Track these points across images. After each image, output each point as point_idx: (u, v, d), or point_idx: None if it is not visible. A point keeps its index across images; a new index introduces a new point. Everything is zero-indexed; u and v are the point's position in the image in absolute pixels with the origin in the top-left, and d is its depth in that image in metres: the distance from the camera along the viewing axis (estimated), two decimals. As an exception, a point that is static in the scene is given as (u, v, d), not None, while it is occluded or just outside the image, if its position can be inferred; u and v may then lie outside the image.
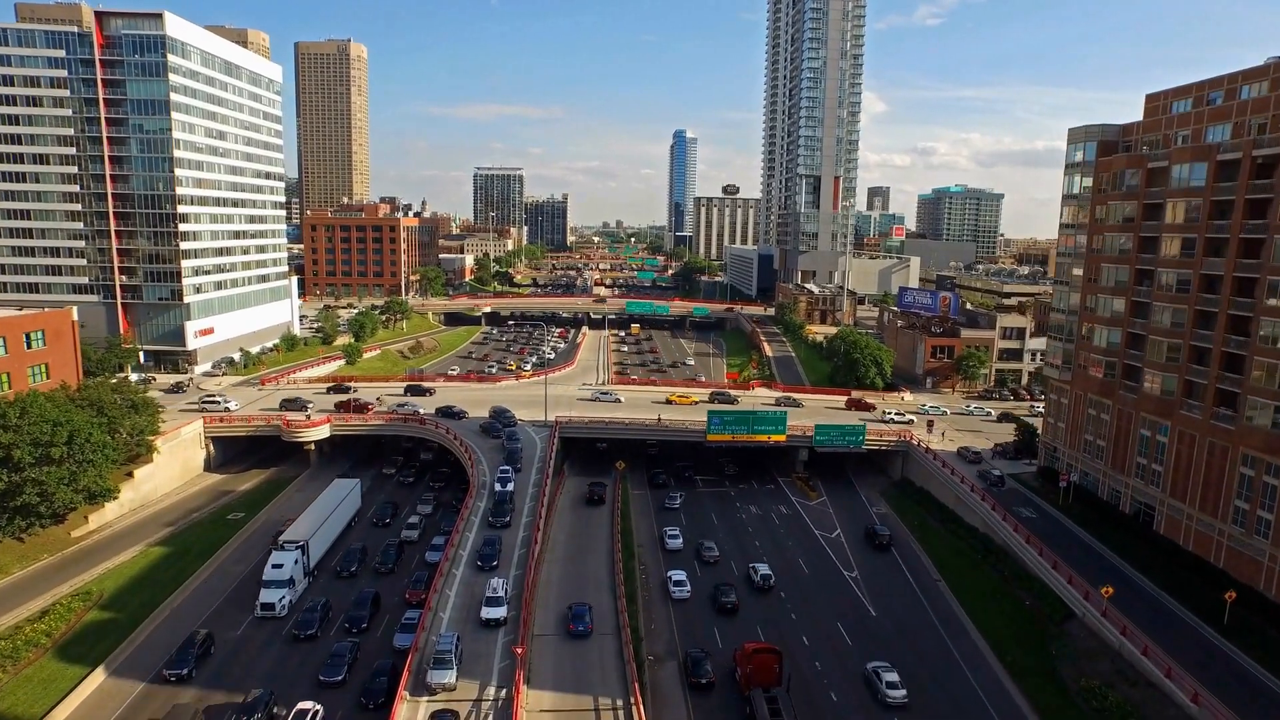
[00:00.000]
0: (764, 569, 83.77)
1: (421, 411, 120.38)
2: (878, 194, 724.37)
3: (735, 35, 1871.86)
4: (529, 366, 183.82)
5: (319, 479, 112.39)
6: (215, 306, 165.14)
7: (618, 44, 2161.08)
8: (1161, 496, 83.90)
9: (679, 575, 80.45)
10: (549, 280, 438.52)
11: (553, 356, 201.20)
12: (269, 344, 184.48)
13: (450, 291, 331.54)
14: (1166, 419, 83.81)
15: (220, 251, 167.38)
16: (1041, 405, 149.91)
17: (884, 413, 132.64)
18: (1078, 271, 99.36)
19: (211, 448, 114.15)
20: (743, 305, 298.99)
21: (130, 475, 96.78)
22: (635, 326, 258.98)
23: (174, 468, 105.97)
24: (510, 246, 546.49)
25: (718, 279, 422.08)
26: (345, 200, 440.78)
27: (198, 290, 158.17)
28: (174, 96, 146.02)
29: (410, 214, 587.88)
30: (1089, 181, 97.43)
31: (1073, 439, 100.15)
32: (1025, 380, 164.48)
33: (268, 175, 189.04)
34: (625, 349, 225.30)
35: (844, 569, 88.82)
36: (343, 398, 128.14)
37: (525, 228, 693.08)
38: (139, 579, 78.33)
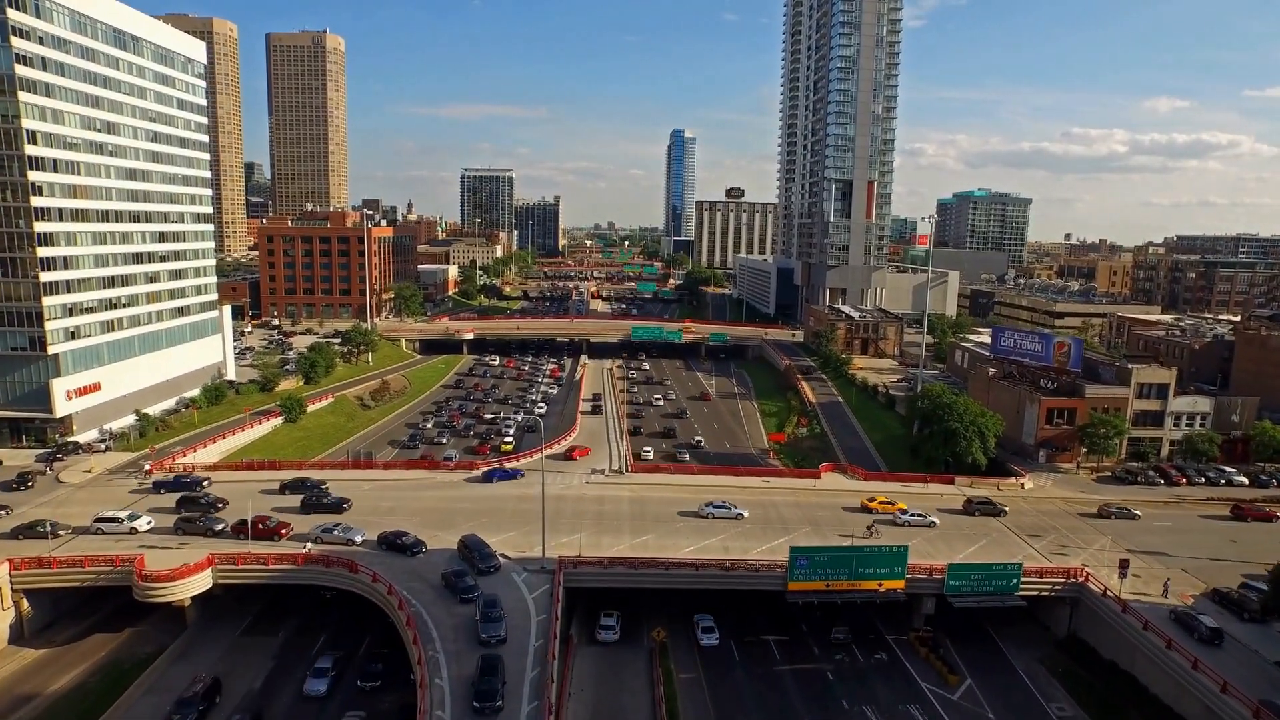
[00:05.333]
0: None
1: (358, 541, 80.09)
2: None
3: (722, 35, 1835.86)
4: (510, 436, 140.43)
5: (197, 655, 72.58)
6: (104, 355, 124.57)
7: (601, 44, 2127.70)
8: None
9: None
10: (541, 293, 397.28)
11: (544, 411, 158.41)
12: (188, 395, 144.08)
13: (430, 309, 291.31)
14: None
15: (112, 281, 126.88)
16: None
17: None
18: None
19: (26, 605, 73.91)
20: (767, 328, 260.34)
21: None
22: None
23: (-57, 658, 66.00)
24: (499, 253, 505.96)
25: (724, 291, 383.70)
26: (309, 207, 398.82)
27: (73, 335, 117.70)
28: (25, 71, 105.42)
29: (395, 217, 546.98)
30: None
31: None
32: (1166, 452, 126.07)
33: (186, 180, 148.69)
34: (640, 401, 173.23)
35: None
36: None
37: (515, 231, 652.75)
38: None
